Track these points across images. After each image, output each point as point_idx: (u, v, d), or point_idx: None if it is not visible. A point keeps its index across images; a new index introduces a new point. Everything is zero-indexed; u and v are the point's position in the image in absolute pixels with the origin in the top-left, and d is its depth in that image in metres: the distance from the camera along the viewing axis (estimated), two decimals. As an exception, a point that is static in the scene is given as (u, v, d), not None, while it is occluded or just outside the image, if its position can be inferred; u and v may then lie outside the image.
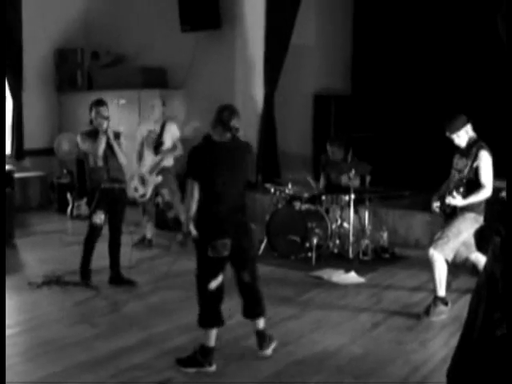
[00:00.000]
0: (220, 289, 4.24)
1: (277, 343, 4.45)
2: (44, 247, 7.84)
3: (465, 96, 9.37)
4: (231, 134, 4.21)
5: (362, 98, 10.79)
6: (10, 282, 6.22)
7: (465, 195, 5.01)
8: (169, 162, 7.73)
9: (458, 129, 5.15)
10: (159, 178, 7.62)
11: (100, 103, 6.08)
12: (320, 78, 10.74)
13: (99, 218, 6.10)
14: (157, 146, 7.58)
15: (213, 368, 4.16)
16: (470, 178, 5.03)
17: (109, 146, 6.04)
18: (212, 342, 4.18)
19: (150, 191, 7.65)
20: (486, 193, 5.04)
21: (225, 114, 4.25)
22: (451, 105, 9.34)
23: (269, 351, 4.39)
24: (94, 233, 6.15)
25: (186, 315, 5.22)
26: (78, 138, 6.20)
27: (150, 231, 7.94)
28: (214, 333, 4.20)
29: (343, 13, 11.09)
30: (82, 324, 5.09)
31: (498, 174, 5.02)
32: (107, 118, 6.00)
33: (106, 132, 5.97)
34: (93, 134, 6.06)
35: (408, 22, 10.18)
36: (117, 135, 6.15)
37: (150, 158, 7.62)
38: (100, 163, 6.07)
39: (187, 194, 4.19)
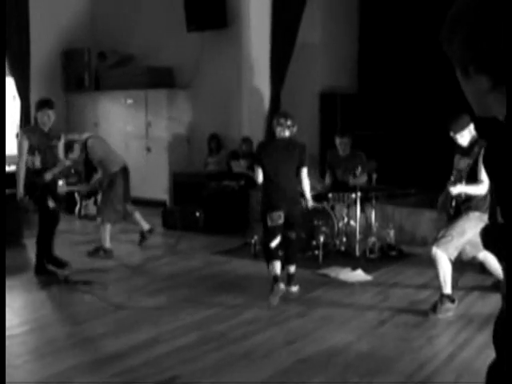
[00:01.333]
0: (277, 247, 5.67)
1: (300, 290, 5.79)
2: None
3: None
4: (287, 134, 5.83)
5: (369, 96, 10.77)
6: (18, 281, 6.29)
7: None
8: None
9: (462, 128, 5.16)
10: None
11: (50, 105, 6.41)
12: (326, 76, 10.74)
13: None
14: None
15: (282, 286, 5.53)
16: (471, 176, 5.05)
17: None
18: (277, 272, 5.59)
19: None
20: (482, 188, 5.02)
21: (278, 118, 5.98)
22: (458, 103, 9.32)
23: (294, 289, 5.79)
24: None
25: (192, 314, 5.26)
26: (22, 134, 6.51)
27: (143, 223, 7.90)
28: (276, 264, 5.60)
29: (349, 10, 11.09)
30: (88, 323, 5.12)
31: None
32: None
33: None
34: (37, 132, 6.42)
35: (414, 19, 10.16)
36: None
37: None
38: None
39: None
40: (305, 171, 5.86)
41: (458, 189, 5.05)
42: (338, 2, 10.82)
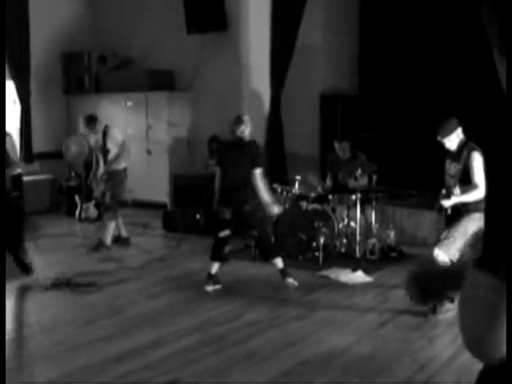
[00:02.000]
0: (225, 239, 5.98)
1: (296, 281, 6.03)
2: (53, 250, 7.89)
3: (473, 96, 9.36)
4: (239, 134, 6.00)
5: (369, 98, 10.77)
6: (19, 284, 6.30)
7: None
8: (118, 165, 7.79)
9: (449, 133, 5.16)
10: (102, 186, 7.94)
11: None
12: (327, 78, 10.75)
13: None
14: (104, 154, 7.81)
15: (218, 287, 5.93)
16: (463, 181, 5.06)
17: None
18: (213, 271, 5.96)
19: (99, 195, 8.12)
20: (479, 193, 4.99)
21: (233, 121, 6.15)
22: (458, 104, 9.34)
23: (289, 280, 6.04)
24: None
25: (193, 316, 5.27)
26: None
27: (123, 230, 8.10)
28: (215, 265, 5.97)
29: (349, 12, 11.09)
30: (91, 325, 5.13)
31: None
32: None
33: None
34: None
35: (415, 20, 10.16)
36: None
37: (101, 165, 7.89)
38: None
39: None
40: (257, 172, 5.83)
41: (451, 201, 5.05)
42: (338, 3, 10.82)
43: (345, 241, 7.39)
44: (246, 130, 5.99)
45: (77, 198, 9.98)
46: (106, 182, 7.81)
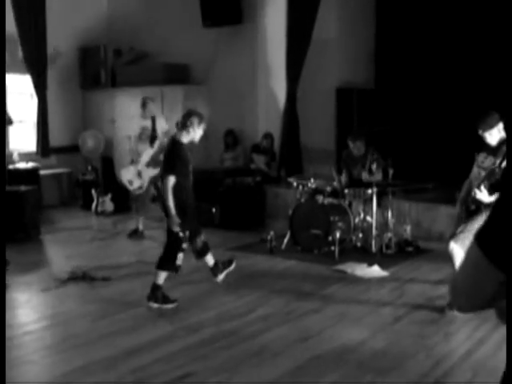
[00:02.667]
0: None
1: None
2: (69, 243, 7.93)
3: (490, 90, 9.25)
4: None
5: (385, 92, 10.69)
6: (36, 277, 6.34)
7: (490, 192, 4.94)
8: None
9: (491, 127, 5.06)
10: (156, 171, 7.69)
11: None
12: (343, 71, 10.67)
13: None
14: (151, 140, 7.90)
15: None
16: (493, 175, 4.97)
17: None
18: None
19: (146, 184, 7.93)
20: None
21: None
22: (475, 98, 9.24)
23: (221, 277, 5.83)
24: None
25: (208, 310, 5.27)
26: None
27: (141, 224, 8.18)
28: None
29: (366, 5, 10.99)
30: (105, 319, 5.14)
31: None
32: None
33: None
34: None
35: (432, 14, 10.05)
36: None
37: (146, 152, 7.89)
38: None
39: None
40: (166, 180, 5.24)
41: (486, 198, 4.93)
42: (354, -3, 10.74)
43: (361, 235, 7.35)
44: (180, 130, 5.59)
45: (93, 191, 10.02)
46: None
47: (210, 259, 5.83)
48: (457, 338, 4.69)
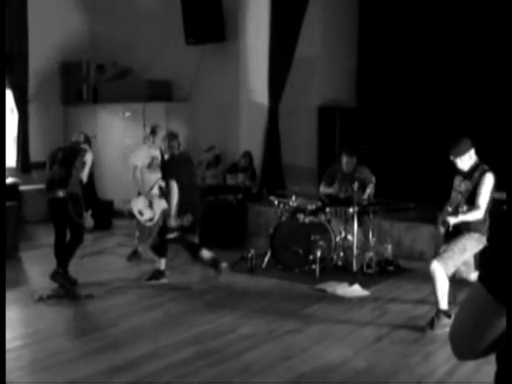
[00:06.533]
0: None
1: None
2: (49, 260, 7.82)
3: (470, 109, 9.38)
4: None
5: (367, 110, 10.79)
6: (14, 295, 6.25)
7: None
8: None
9: (462, 153, 5.17)
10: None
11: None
12: (325, 90, 10.76)
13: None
14: (162, 169, 7.42)
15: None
16: (469, 200, 5.08)
17: None
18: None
19: (158, 215, 7.46)
20: (478, 214, 5.10)
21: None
22: (456, 117, 9.36)
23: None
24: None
25: (188, 329, 5.24)
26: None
27: (141, 246, 7.87)
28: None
29: (348, 24, 11.12)
30: (85, 337, 5.09)
31: (498, 186, 5.11)
32: None
33: None
34: None
35: (414, 33, 10.19)
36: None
37: (157, 183, 7.48)
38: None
39: None
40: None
41: (458, 219, 5.06)
42: (337, 16, 10.85)
43: (342, 254, 7.35)
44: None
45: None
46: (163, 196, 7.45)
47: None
48: (438, 357, 4.69)
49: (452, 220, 5.07)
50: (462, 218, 5.07)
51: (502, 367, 1.33)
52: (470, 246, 5.16)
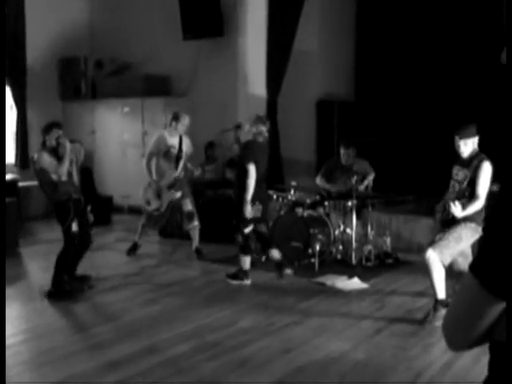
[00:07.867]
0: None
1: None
2: (48, 256, 7.83)
3: (469, 102, 9.37)
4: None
5: (365, 104, 10.80)
6: (13, 290, 6.26)
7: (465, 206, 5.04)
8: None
9: (468, 136, 5.17)
10: (178, 194, 7.51)
11: (60, 126, 6.57)
12: (323, 83, 10.76)
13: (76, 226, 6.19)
14: (177, 160, 7.49)
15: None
16: (470, 190, 5.07)
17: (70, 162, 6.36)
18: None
19: (165, 205, 7.52)
20: (478, 204, 5.07)
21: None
22: (454, 110, 9.36)
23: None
24: (74, 241, 6.18)
25: (188, 323, 5.24)
26: (38, 155, 6.31)
27: (140, 239, 7.88)
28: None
29: (346, 18, 11.12)
30: (83, 333, 5.10)
31: (495, 179, 5.12)
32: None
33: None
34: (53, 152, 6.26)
35: (411, 27, 10.20)
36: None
37: (170, 173, 7.48)
38: (64, 178, 6.25)
39: None
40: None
41: (460, 213, 5.02)
42: (335, 9, 10.85)
43: (341, 247, 7.37)
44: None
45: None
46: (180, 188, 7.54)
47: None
48: (437, 349, 4.70)
49: (457, 212, 5.01)
50: (465, 212, 5.03)
51: (496, 356, 1.34)
52: (466, 236, 5.15)
